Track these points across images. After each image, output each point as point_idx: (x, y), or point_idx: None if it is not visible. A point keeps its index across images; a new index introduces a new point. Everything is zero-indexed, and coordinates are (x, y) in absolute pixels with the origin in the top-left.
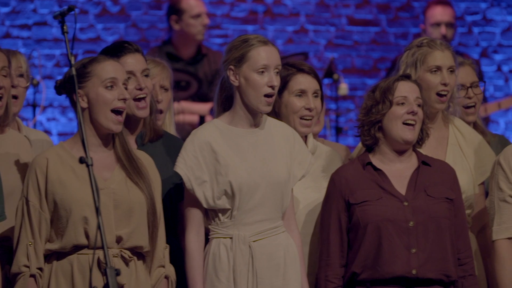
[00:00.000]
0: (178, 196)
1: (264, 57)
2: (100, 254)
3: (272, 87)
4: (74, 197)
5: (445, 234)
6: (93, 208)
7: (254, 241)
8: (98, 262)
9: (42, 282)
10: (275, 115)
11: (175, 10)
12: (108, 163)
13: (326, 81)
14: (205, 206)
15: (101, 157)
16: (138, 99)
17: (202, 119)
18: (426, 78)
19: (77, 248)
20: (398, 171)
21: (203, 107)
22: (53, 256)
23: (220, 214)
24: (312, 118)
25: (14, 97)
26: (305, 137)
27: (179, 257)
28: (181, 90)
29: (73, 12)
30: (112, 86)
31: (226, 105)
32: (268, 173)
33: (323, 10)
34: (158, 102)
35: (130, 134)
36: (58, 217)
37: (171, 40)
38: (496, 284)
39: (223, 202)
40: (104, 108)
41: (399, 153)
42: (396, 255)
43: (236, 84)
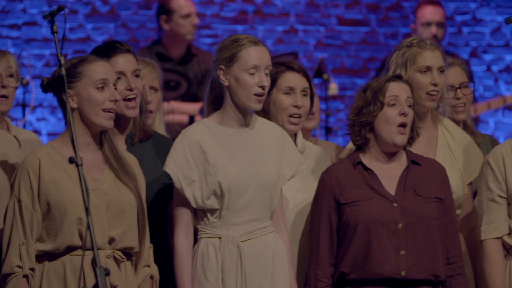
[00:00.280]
0: (167, 195)
1: (254, 57)
2: (97, 254)
3: (262, 87)
4: (69, 198)
5: (434, 234)
6: (90, 210)
7: (243, 241)
8: (91, 263)
9: (34, 283)
10: (264, 113)
11: (165, 10)
12: (97, 164)
13: (316, 81)
14: (194, 206)
15: (90, 157)
16: (128, 99)
17: (191, 119)
18: (416, 78)
19: (70, 249)
20: (388, 171)
21: (193, 107)
22: (44, 256)
23: (209, 214)
24: (300, 117)
25: (4, 96)
26: (294, 135)
27: (168, 257)
28: (171, 90)
29: (62, 12)
30: (103, 87)
31: (216, 105)
32: (257, 173)
33: (313, 10)
34: (148, 103)
35: (119, 134)
36: (51, 217)
37: (161, 40)
38: (485, 284)
39: (212, 202)
40: (96, 108)
41: (389, 153)
42: (385, 257)
43: (226, 84)
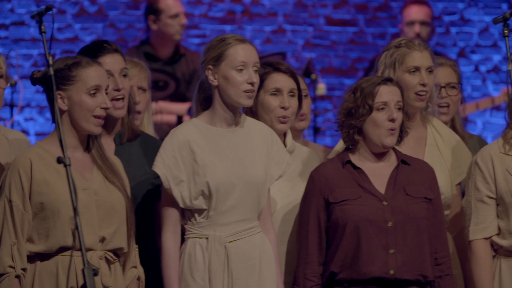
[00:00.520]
0: (155, 195)
1: (242, 54)
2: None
3: (251, 84)
4: (62, 198)
5: (423, 234)
6: (81, 210)
7: (230, 241)
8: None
9: (25, 283)
10: (252, 114)
11: (153, 10)
12: (86, 164)
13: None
14: (181, 206)
15: (79, 157)
16: (116, 99)
17: (180, 119)
18: (405, 79)
19: (62, 249)
20: (378, 170)
21: (181, 107)
22: (36, 257)
23: (196, 214)
24: (288, 118)
25: None
26: (283, 136)
27: (156, 257)
28: (159, 90)
29: (50, 12)
30: (95, 93)
31: (204, 105)
32: (245, 173)
33: (301, 10)
34: (136, 103)
35: (107, 133)
36: (43, 217)
37: (149, 40)
38: (473, 284)
39: (200, 202)
40: (86, 113)
41: (379, 153)
42: (374, 256)
43: (215, 83)
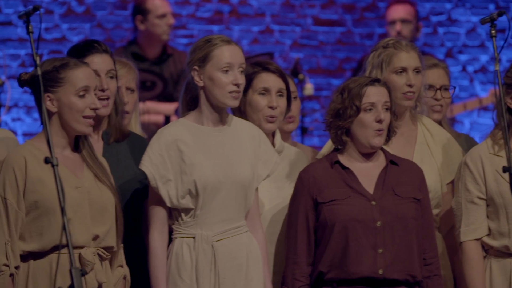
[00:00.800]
0: (143, 195)
1: (227, 55)
2: (79, 252)
3: (237, 85)
4: (56, 196)
5: (411, 234)
6: (74, 207)
7: (217, 240)
8: (79, 261)
9: (19, 281)
10: (240, 114)
11: (140, 10)
12: (77, 163)
13: None
14: (168, 205)
15: (70, 156)
16: (100, 99)
17: (167, 119)
18: (392, 79)
19: (56, 248)
20: (366, 170)
21: (169, 107)
22: (28, 256)
23: (183, 214)
24: (276, 117)
25: None
26: (272, 136)
27: (143, 256)
28: (146, 90)
29: (38, 12)
30: (84, 95)
31: (191, 106)
32: (232, 172)
33: (289, 10)
34: (124, 103)
35: (93, 131)
36: (37, 216)
37: (137, 40)
38: (465, 285)
39: (187, 202)
40: (76, 115)
41: (367, 154)
42: (362, 255)
43: (201, 84)
